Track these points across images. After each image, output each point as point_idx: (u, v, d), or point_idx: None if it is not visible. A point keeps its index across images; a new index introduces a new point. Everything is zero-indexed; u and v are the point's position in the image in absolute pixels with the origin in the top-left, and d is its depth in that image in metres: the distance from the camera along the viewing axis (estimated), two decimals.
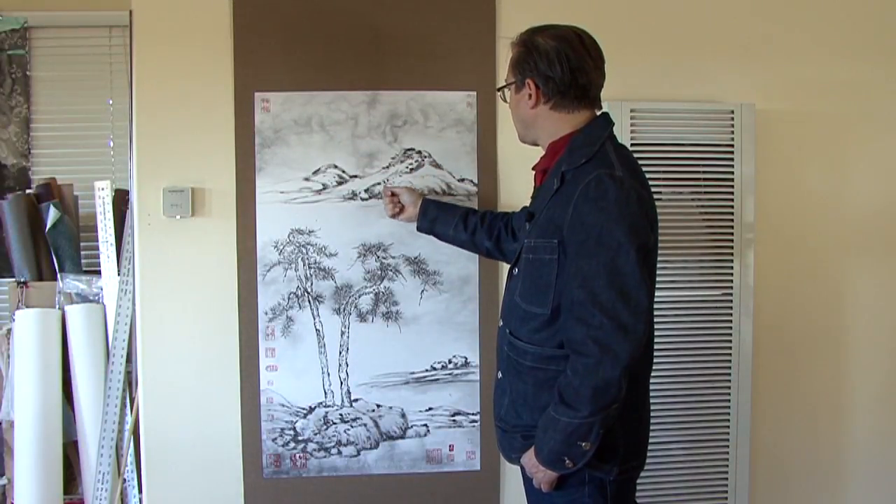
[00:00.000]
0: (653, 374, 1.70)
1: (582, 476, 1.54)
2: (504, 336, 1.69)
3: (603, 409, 1.44)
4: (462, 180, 2.31)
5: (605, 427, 1.47)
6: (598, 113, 1.65)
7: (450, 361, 2.34)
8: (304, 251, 2.29)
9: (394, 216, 2.16)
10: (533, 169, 1.73)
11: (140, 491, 2.43)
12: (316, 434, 2.31)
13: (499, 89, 1.74)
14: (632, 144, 2.25)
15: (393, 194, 2.15)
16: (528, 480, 1.66)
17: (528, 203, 1.83)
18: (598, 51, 1.62)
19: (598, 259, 1.43)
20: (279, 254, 2.28)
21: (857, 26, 2.47)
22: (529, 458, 1.57)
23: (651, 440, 1.74)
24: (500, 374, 1.72)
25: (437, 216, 2.07)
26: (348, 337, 2.31)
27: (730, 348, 2.37)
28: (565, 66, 1.57)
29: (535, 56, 1.60)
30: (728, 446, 2.39)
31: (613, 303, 1.41)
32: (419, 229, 2.12)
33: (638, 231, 1.45)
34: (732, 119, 2.35)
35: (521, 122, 1.70)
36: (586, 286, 1.43)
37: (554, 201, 1.55)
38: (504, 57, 2.29)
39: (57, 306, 2.58)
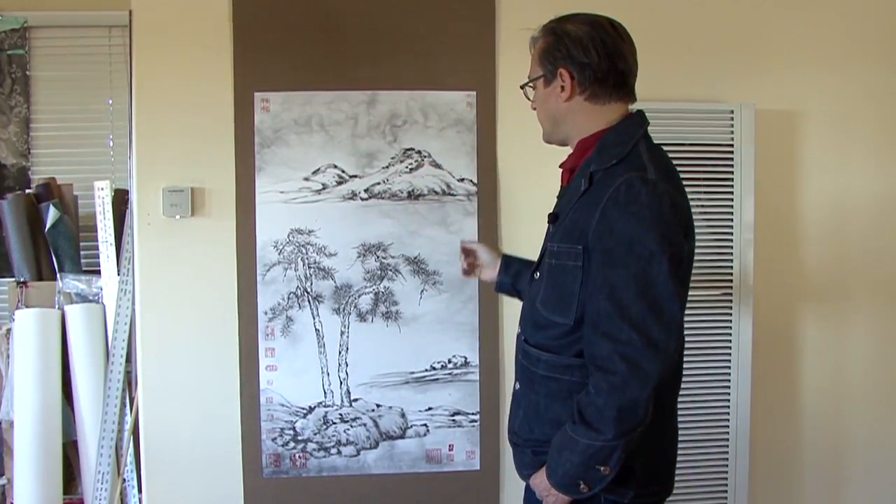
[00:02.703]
0: None
1: (597, 499, 1.43)
2: (520, 344, 1.58)
3: (628, 432, 1.32)
4: (462, 180, 2.31)
5: (628, 451, 1.35)
6: (632, 109, 1.53)
7: (449, 361, 2.34)
8: (304, 251, 2.29)
9: (466, 276, 1.90)
10: (560, 167, 1.58)
11: (140, 491, 2.43)
12: (316, 434, 2.31)
13: (523, 86, 1.57)
14: None
15: (468, 252, 1.88)
16: (529, 494, 1.56)
17: (527, 203, 1.81)
18: (630, 38, 1.49)
19: (627, 269, 1.31)
20: (279, 254, 2.28)
21: (858, 27, 2.47)
22: (540, 479, 1.45)
23: None
24: (517, 386, 1.59)
25: (521, 270, 1.80)
26: (348, 337, 2.31)
27: (730, 348, 2.37)
28: (601, 50, 1.44)
29: (566, 43, 1.45)
30: (728, 445, 2.39)
31: (644, 316, 1.30)
32: (497, 288, 1.85)
33: (671, 240, 1.34)
34: (732, 119, 2.35)
35: (551, 119, 1.54)
36: (614, 297, 1.32)
37: (580, 204, 1.43)
38: (505, 56, 2.31)
39: (57, 306, 2.57)
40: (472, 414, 2.35)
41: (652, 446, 1.45)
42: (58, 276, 2.60)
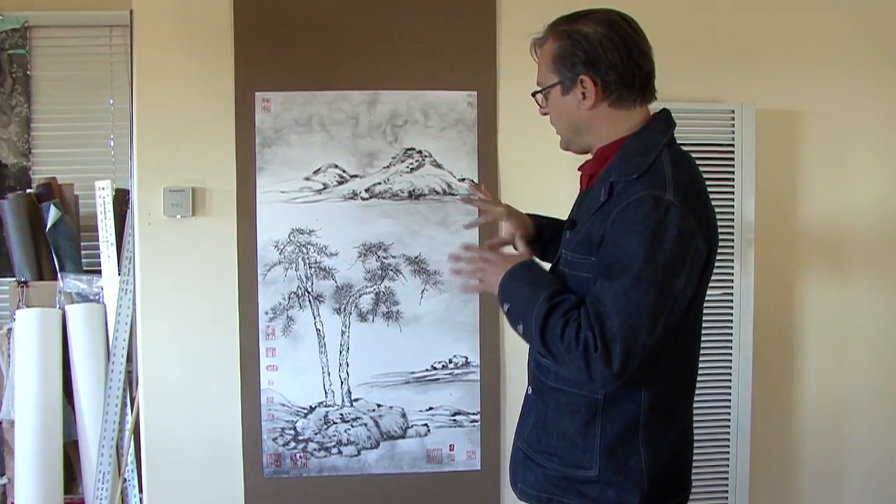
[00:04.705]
0: None
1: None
2: (532, 352, 1.52)
3: (547, 343, 1.31)
4: (462, 180, 2.31)
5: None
6: (653, 111, 1.45)
7: (450, 361, 2.34)
8: (305, 251, 2.29)
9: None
10: (579, 170, 1.52)
11: (140, 490, 2.43)
12: (316, 434, 2.31)
13: (535, 93, 1.47)
14: None
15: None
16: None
17: (529, 203, 1.79)
18: (643, 31, 1.42)
19: (613, 283, 1.27)
20: (280, 253, 2.28)
21: (857, 27, 2.47)
22: (503, 272, 1.40)
23: None
24: (529, 391, 1.55)
25: (554, 237, 1.67)
26: (349, 336, 2.31)
27: (730, 348, 2.37)
28: (623, 52, 1.35)
29: (584, 46, 1.36)
30: (728, 445, 2.39)
31: (614, 333, 1.25)
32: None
33: (669, 271, 1.27)
34: (733, 119, 2.35)
35: (572, 128, 1.45)
36: (594, 307, 1.28)
37: (597, 215, 1.36)
38: (506, 56, 2.30)
39: (57, 306, 2.58)
40: (473, 414, 2.35)
41: (663, 450, 1.41)
42: (59, 275, 2.60)
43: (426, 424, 2.34)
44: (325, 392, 2.31)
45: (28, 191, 2.75)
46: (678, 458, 1.47)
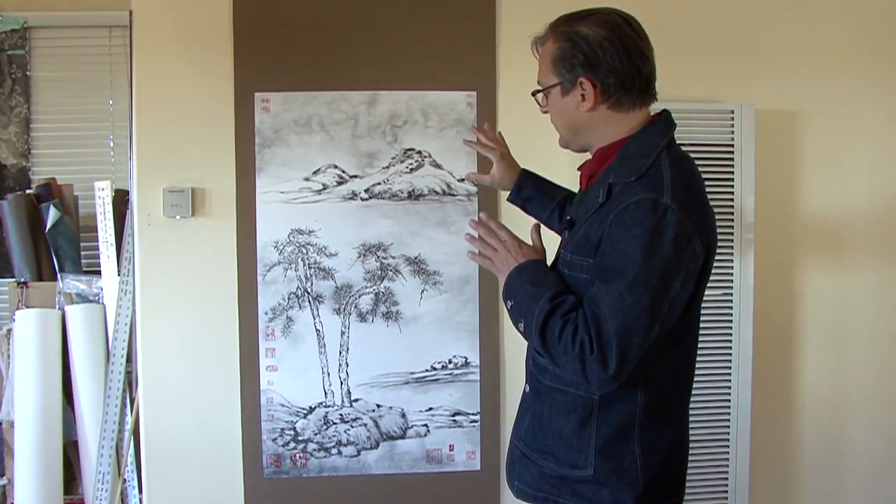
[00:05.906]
0: None
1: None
2: (530, 350, 1.52)
3: (546, 344, 1.32)
4: (462, 180, 2.31)
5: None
6: (654, 111, 1.45)
7: (450, 361, 2.34)
8: (305, 251, 2.29)
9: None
10: (578, 169, 1.52)
11: (140, 491, 2.43)
12: (316, 434, 2.31)
13: (535, 93, 1.48)
14: None
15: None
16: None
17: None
18: (645, 33, 1.41)
19: (610, 287, 1.28)
20: (279, 254, 2.28)
21: (857, 27, 2.47)
22: (513, 265, 1.42)
23: None
24: (527, 388, 1.55)
25: (533, 196, 1.79)
26: (348, 337, 2.31)
27: (730, 348, 2.37)
28: (623, 55, 1.35)
29: (584, 49, 1.36)
30: (728, 446, 2.39)
31: (610, 336, 1.26)
32: (509, 200, 1.85)
33: (666, 274, 1.27)
34: (733, 119, 2.35)
35: (570, 128, 1.45)
36: (592, 311, 1.29)
37: (596, 216, 1.36)
38: (505, 56, 2.31)
39: (57, 306, 2.58)
40: (473, 414, 2.35)
41: (659, 451, 1.42)
42: (58, 276, 2.60)
43: (426, 425, 2.34)
44: (325, 392, 2.31)
45: (28, 191, 2.76)
46: (673, 460, 1.48)
